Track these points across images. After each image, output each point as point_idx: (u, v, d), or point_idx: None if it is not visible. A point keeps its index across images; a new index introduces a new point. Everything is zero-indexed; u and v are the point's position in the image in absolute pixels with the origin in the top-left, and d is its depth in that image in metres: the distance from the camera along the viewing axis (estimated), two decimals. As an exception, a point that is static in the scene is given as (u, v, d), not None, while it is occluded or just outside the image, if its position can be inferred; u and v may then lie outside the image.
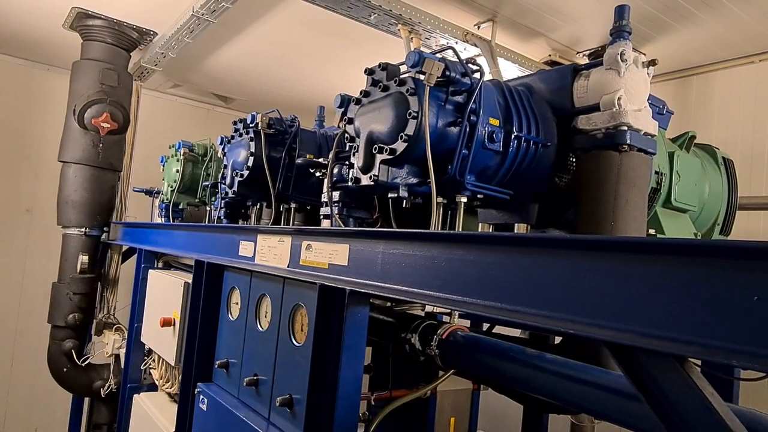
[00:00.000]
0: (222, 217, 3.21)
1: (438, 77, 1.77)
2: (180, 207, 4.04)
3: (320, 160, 2.50)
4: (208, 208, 4.03)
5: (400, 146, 1.79)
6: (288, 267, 2.13)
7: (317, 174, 2.52)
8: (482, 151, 1.86)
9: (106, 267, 5.13)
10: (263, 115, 2.80)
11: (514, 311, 1.20)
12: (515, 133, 1.91)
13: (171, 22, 4.36)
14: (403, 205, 2.03)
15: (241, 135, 2.94)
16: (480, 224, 2.25)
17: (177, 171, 3.88)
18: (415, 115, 1.75)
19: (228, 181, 2.94)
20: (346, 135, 2.05)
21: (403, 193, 1.91)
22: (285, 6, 4.08)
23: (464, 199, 1.92)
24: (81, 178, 4.54)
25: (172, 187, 3.93)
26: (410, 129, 1.77)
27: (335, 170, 2.24)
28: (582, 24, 4.00)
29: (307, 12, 4.16)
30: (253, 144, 2.80)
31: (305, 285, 2.04)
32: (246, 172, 2.81)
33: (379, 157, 1.86)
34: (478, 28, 3.96)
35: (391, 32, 3.75)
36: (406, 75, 1.87)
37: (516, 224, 2.11)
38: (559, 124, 2.03)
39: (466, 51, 3.95)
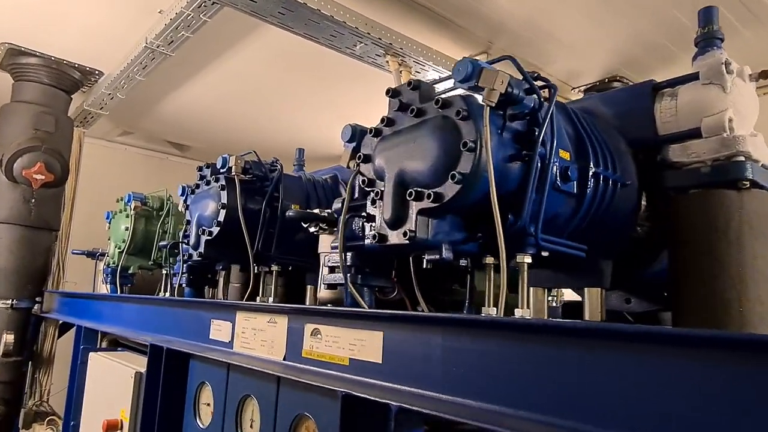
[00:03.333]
0: (184, 285, 2.59)
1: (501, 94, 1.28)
2: (130, 272, 3.38)
3: (315, 211, 1.96)
4: (164, 272, 3.39)
5: (450, 189, 1.28)
6: (285, 360, 1.55)
7: (312, 229, 1.97)
8: (553, 193, 1.38)
9: (39, 344, 4.33)
10: (238, 157, 2.25)
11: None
12: (592, 170, 1.43)
13: (119, 59, 3.81)
14: (424, 267, 1.52)
15: (208, 183, 2.38)
16: (533, 290, 1.73)
17: (126, 229, 3.25)
18: (473, 146, 1.25)
19: (192, 240, 2.35)
20: (362, 178, 1.52)
21: (447, 254, 1.39)
22: (253, 39, 3.60)
23: (528, 259, 1.41)
24: (8, 239, 3.82)
25: (119, 247, 3.28)
26: (465, 165, 1.26)
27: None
28: (581, 56, 3.68)
29: (277, 46, 3.70)
30: (224, 194, 2.24)
31: (313, 389, 1.45)
32: (216, 229, 2.23)
33: (416, 206, 1.34)
34: (470, 61, 3.57)
35: (377, 65, 3.31)
36: (451, 94, 1.39)
37: (586, 289, 1.61)
38: (635, 156, 1.57)
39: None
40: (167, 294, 3.26)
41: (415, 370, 1.18)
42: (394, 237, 1.39)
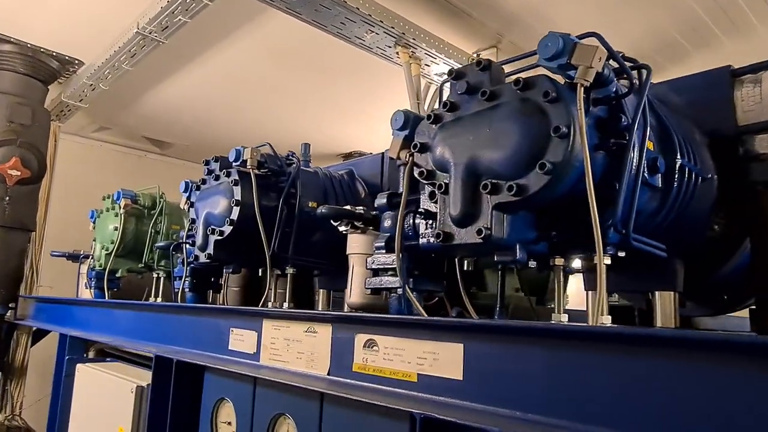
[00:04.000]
0: (187, 290, 2.38)
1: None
2: (118, 275, 3.12)
3: (347, 207, 1.79)
4: (155, 276, 3.15)
5: (536, 181, 1.13)
6: (330, 375, 1.37)
7: (342, 228, 1.80)
8: (641, 187, 1.24)
9: (11, 353, 4.02)
10: (253, 149, 2.06)
11: None
12: (678, 162, 1.30)
13: (102, 47, 3.54)
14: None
15: (218, 178, 2.17)
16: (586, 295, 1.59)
17: (115, 229, 2.99)
18: (565, 131, 1.10)
19: (199, 240, 2.14)
20: (420, 170, 1.35)
21: (522, 255, 1.24)
22: (251, 28, 3.39)
23: (608, 261, 1.26)
24: (-21, 240, 3.51)
25: (107, 249, 3.02)
26: (555, 153, 1.11)
27: (390, 222, 1.53)
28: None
29: (276, 38, 3.50)
30: (238, 189, 2.04)
31: (369, 408, 1.28)
32: (228, 229, 2.03)
33: (492, 200, 1.18)
34: (478, 56, 3.44)
35: (385, 56, 3.14)
36: (532, 75, 1.23)
37: (657, 293, 1.47)
38: (711, 147, 1.45)
39: (470, 80, 3.40)
40: (159, 299, 3.03)
41: (511, 390, 1.02)
42: (463, 235, 1.23)
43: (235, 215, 2.03)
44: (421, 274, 1.50)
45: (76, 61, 3.90)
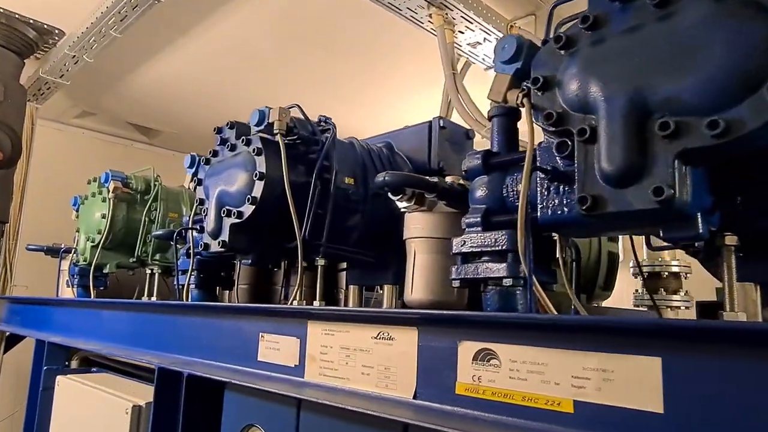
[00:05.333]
0: (193, 286, 1.96)
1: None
2: (106, 271, 2.69)
3: (412, 174, 1.40)
4: (149, 272, 2.72)
5: (755, 115, 0.76)
6: (417, 399, 0.99)
7: (402, 205, 1.41)
8: None
9: (-20, 361, 3.56)
10: (282, 110, 1.66)
11: None
12: None
13: (87, 13, 3.11)
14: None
15: (233, 148, 1.77)
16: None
17: (103, 216, 2.56)
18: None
19: (210, 225, 1.73)
20: (548, 112, 0.97)
21: (704, 229, 0.87)
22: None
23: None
24: (-57, 233, 3.05)
25: (93, 241, 2.59)
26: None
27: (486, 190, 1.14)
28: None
29: (279, 8, 3.11)
30: (262, 160, 1.64)
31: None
32: (249, 209, 1.63)
33: (674, 147, 0.81)
34: (511, 27, 3.08)
35: (415, 20, 2.76)
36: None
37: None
38: None
39: (506, 51, 3.03)
40: (153, 298, 2.61)
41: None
42: (628, 198, 0.85)
43: (258, 191, 1.63)
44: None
45: (56, 31, 3.45)
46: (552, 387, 0.82)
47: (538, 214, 1.00)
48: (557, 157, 0.97)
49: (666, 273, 3.55)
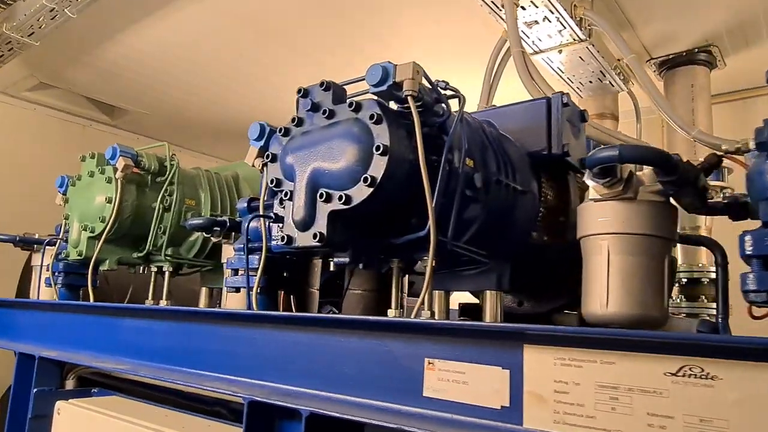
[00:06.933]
0: (257, 292, 1.55)
1: None
2: (102, 268, 2.20)
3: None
4: (153, 270, 2.26)
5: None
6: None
7: (600, 194, 1.09)
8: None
9: None
10: (416, 65, 1.28)
11: None
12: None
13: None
14: None
15: (331, 115, 1.37)
16: None
17: (109, 201, 2.07)
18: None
19: (300, 213, 1.33)
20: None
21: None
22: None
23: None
24: None
25: (92, 230, 2.09)
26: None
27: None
28: (679, 18, 3.07)
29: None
30: (380, 130, 1.26)
31: None
32: (365, 193, 1.25)
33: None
34: (575, 6, 2.82)
35: (479, -7, 2.44)
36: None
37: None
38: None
39: (563, 33, 2.77)
40: (163, 302, 2.17)
41: None
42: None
43: (378, 170, 1.25)
44: None
45: (26, -20, 2.88)
46: None
47: None
48: None
49: (706, 280, 3.36)
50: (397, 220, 1.40)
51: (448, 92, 1.41)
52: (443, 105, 1.40)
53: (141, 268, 2.32)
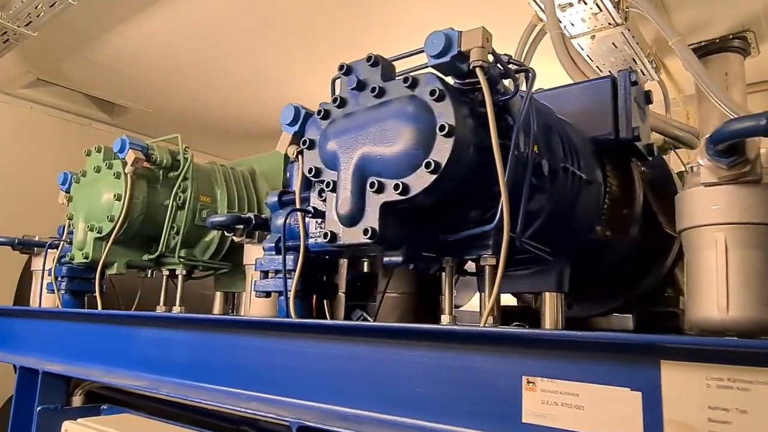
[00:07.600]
0: (290, 295, 1.37)
1: None
2: (110, 271, 2.01)
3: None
4: (165, 273, 2.08)
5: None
6: None
7: (714, 179, 0.92)
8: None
9: None
10: (485, 30, 1.10)
11: None
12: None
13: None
14: None
15: (380, 94, 1.20)
16: None
17: (118, 198, 1.89)
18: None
19: (347, 206, 1.15)
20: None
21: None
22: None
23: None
24: None
25: (99, 231, 1.91)
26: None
27: None
28: (713, 3, 2.91)
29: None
30: (446, 109, 1.09)
31: None
32: (427, 181, 1.07)
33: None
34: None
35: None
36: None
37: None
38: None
39: (599, 17, 2.60)
40: (177, 308, 1.99)
41: None
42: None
43: (443, 154, 1.07)
44: None
45: (24, -35, 2.70)
46: None
47: None
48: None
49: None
50: (453, 213, 1.23)
51: (512, 66, 1.24)
52: (507, 82, 1.23)
53: (151, 271, 2.14)
